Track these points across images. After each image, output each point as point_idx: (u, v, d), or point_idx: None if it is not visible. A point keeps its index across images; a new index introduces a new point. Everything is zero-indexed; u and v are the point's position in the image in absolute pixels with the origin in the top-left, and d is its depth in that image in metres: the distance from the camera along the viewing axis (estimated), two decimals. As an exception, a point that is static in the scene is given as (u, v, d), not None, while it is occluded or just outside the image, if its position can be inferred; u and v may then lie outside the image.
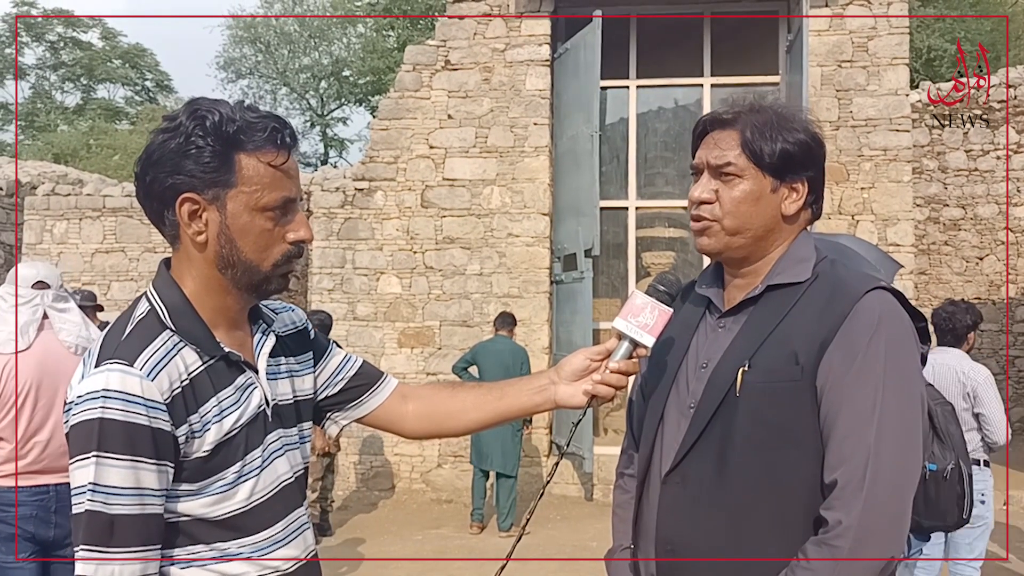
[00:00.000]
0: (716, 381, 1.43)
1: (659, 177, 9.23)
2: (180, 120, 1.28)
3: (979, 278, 11.06)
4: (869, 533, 1.28)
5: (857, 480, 1.29)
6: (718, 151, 1.46)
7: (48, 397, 3.16)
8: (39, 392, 3.15)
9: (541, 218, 8.26)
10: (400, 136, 8.46)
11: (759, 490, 1.38)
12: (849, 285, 1.40)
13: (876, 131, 7.90)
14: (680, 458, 1.45)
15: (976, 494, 4.14)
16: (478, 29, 8.38)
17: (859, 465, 1.30)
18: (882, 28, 7.90)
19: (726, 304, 1.52)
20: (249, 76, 26.38)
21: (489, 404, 1.59)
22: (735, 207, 1.44)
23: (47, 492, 3.14)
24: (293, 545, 1.40)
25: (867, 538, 1.28)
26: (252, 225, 1.31)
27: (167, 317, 1.31)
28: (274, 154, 1.31)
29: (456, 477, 8.22)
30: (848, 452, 1.31)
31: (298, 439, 1.47)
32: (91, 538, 1.20)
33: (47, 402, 3.16)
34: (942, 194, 11.08)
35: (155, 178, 1.29)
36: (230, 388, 1.33)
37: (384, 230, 8.46)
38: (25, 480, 3.12)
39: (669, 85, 9.05)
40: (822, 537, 1.30)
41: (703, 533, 1.42)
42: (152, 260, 9.53)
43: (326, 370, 1.57)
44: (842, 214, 7.89)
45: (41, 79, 29.01)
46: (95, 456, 1.19)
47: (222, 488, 1.30)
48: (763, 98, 1.50)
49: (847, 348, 1.34)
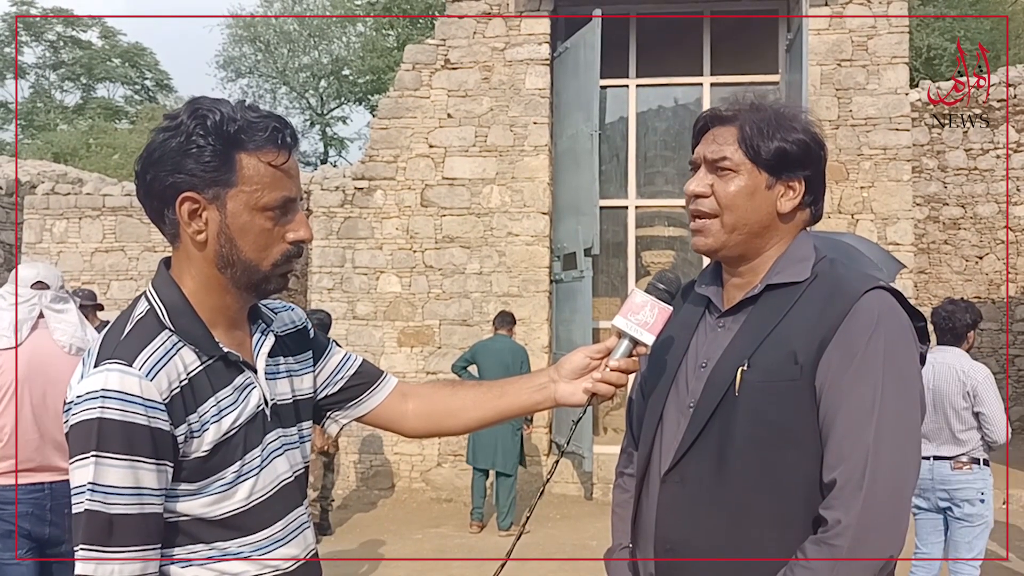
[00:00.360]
0: (715, 380, 1.44)
1: (659, 176, 9.23)
2: (181, 119, 1.28)
3: (979, 277, 11.07)
4: (868, 532, 1.28)
5: (856, 479, 1.29)
6: (715, 146, 1.47)
7: (37, 395, 3.18)
8: (30, 389, 3.17)
9: (541, 217, 8.26)
10: (400, 135, 8.46)
11: (758, 489, 1.38)
12: (848, 285, 1.40)
13: (876, 130, 7.90)
14: (679, 457, 1.45)
15: (976, 493, 4.16)
16: (478, 28, 8.38)
17: (858, 464, 1.30)
18: (882, 27, 7.90)
19: (725, 303, 1.52)
20: (249, 75, 26.38)
21: (489, 402, 1.59)
22: (730, 200, 1.45)
23: (42, 490, 3.16)
24: (293, 544, 1.40)
25: (866, 537, 1.28)
26: (252, 224, 1.31)
27: (166, 317, 1.31)
28: (275, 154, 1.31)
29: (456, 476, 8.22)
30: (847, 451, 1.31)
31: (298, 439, 1.46)
32: (91, 537, 1.20)
33: (37, 400, 3.18)
34: (942, 193, 11.08)
35: (156, 177, 1.29)
36: (229, 388, 1.33)
37: (384, 229, 8.46)
38: (19, 478, 3.14)
39: (669, 84, 9.05)
40: (821, 536, 1.30)
41: (702, 532, 1.42)
42: (151, 259, 9.53)
43: (326, 369, 1.57)
44: (842, 213, 7.89)
45: (41, 78, 29.01)
46: (94, 456, 1.19)
47: (221, 488, 1.30)
48: (764, 97, 1.50)
49: (846, 347, 1.35)
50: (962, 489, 4.15)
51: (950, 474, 4.14)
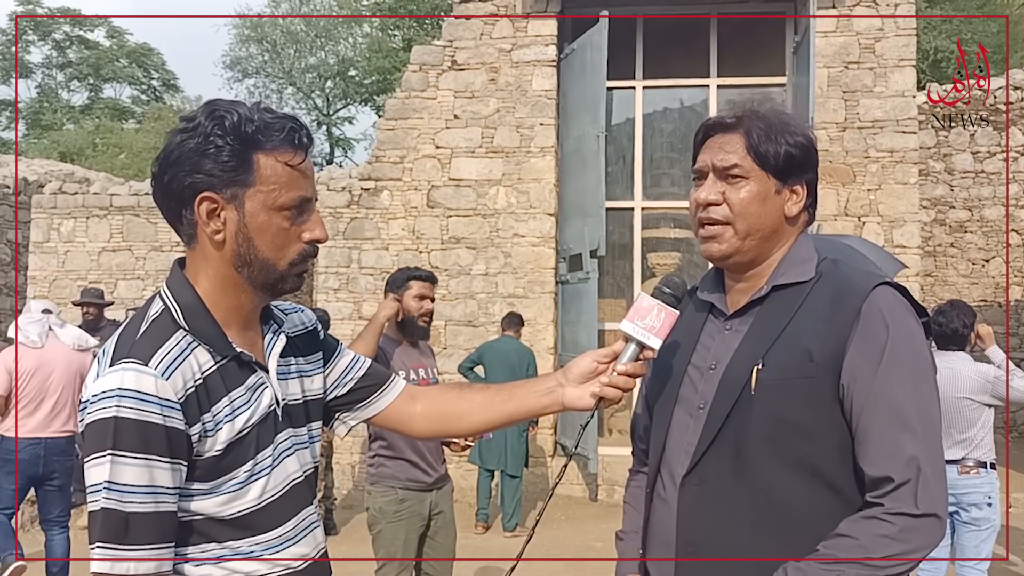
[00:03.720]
0: (729, 380, 1.44)
1: (665, 178, 9.23)
2: (199, 120, 1.29)
3: (985, 280, 11.04)
4: (932, 529, 1.30)
5: (914, 474, 1.31)
6: (723, 154, 1.48)
7: (51, 377, 5.04)
8: (45, 373, 5.02)
9: (547, 218, 8.27)
10: (406, 136, 8.47)
11: (778, 487, 1.39)
12: (854, 282, 1.43)
13: (883, 132, 7.89)
14: (697, 459, 1.46)
15: (983, 497, 4.15)
16: (484, 29, 8.39)
17: (911, 461, 1.31)
18: (889, 30, 7.89)
19: (730, 307, 1.54)
20: (255, 75, 26.45)
21: (497, 406, 1.60)
22: (744, 208, 1.46)
23: (39, 443, 4.98)
24: (303, 543, 1.41)
25: (927, 532, 1.30)
26: (269, 224, 1.32)
27: (181, 317, 1.32)
28: (291, 154, 1.32)
29: (460, 477, 8.22)
30: (893, 448, 1.33)
31: (307, 439, 1.48)
32: (107, 536, 1.21)
33: (50, 380, 5.04)
34: (948, 196, 11.06)
35: (174, 177, 1.30)
36: (242, 388, 1.34)
37: (390, 230, 8.48)
38: (23, 434, 4.95)
39: (675, 86, 9.05)
40: (887, 532, 1.30)
41: (724, 533, 1.42)
42: (158, 258, 9.55)
43: (335, 371, 1.58)
44: (848, 215, 7.88)
45: (47, 78, 29.11)
46: (110, 454, 1.20)
47: (234, 487, 1.31)
48: (761, 102, 1.52)
49: (867, 346, 1.37)
50: (969, 493, 4.14)
51: (957, 478, 4.13)
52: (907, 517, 1.29)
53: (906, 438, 1.33)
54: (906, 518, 1.29)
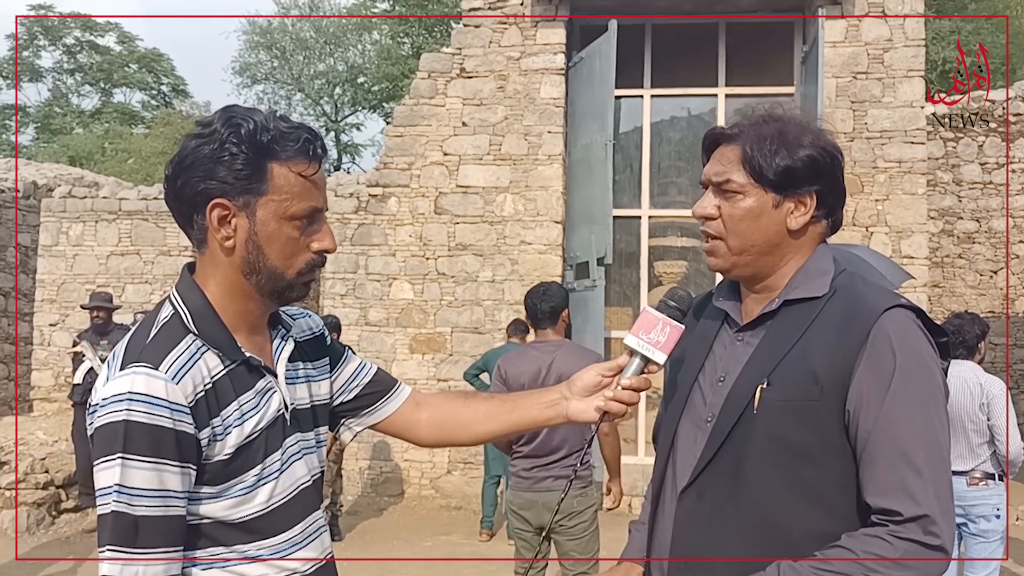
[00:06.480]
0: (734, 396, 1.42)
1: (672, 186, 9.23)
2: (215, 127, 1.30)
3: (993, 292, 10.99)
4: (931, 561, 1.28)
5: (924, 509, 1.28)
6: (719, 167, 1.46)
7: None
8: None
9: (554, 226, 8.28)
10: (414, 143, 8.49)
11: (775, 508, 1.37)
12: (867, 303, 1.38)
13: (891, 143, 7.88)
14: (697, 474, 1.45)
15: (992, 509, 4.14)
16: (493, 37, 8.41)
17: (921, 492, 1.28)
18: (898, 40, 7.89)
19: (744, 317, 1.51)
20: (264, 81, 26.52)
21: (501, 416, 1.61)
22: (735, 225, 1.44)
23: None
24: (311, 547, 1.42)
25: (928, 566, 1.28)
26: (279, 233, 1.33)
27: (191, 321, 1.33)
28: (305, 164, 1.33)
29: (466, 484, 8.22)
30: (899, 480, 1.30)
31: (315, 443, 1.48)
32: (116, 539, 1.21)
33: None
34: (956, 207, 11.03)
35: (187, 182, 1.31)
36: (251, 392, 1.35)
37: (397, 236, 8.49)
38: None
39: (683, 95, 9.05)
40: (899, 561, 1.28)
41: (717, 550, 1.41)
42: (167, 263, 9.59)
43: (341, 376, 1.59)
44: (856, 226, 7.86)
45: (58, 82, 29.27)
46: (121, 458, 1.21)
47: (242, 491, 1.32)
48: (775, 108, 1.48)
49: (875, 373, 1.33)
50: (978, 505, 4.13)
51: (966, 490, 4.12)
52: (914, 544, 1.26)
53: (912, 477, 1.29)
54: (912, 544, 1.26)
